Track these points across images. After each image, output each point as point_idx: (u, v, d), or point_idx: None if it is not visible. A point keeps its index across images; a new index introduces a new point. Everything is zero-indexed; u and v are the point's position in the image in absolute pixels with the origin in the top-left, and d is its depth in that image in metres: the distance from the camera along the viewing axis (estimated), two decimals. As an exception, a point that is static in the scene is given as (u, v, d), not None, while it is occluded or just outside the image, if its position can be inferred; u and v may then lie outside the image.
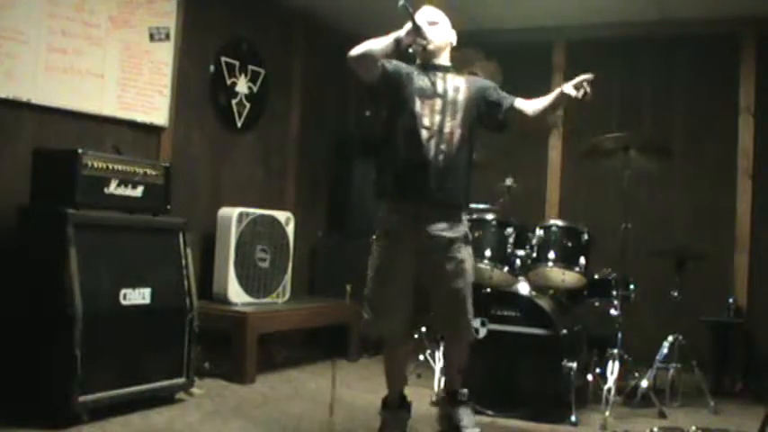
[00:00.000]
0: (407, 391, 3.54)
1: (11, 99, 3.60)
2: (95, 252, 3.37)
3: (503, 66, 5.44)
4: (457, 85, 3.42)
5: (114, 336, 3.41)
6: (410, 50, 3.41)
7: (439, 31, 3.44)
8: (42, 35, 3.71)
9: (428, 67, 3.43)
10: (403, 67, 3.43)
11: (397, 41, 3.27)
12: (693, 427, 3.66)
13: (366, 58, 3.26)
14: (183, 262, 3.82)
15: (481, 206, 4.61)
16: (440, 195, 3.28)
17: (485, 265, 4.25)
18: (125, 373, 3.46)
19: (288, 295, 4.94)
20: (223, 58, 4.94)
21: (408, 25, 3.24)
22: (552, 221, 4.35)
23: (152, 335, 3.61)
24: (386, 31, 3.33)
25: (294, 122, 5.64)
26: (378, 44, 3.25)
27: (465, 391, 3.56)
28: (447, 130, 3.33)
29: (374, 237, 3.39)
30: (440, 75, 3.42)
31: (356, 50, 3.23)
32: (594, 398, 4.12)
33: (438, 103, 3.37)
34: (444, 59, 3.49)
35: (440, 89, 3.39)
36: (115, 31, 4.10)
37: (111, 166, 3.54)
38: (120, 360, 3.44)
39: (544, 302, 4.02)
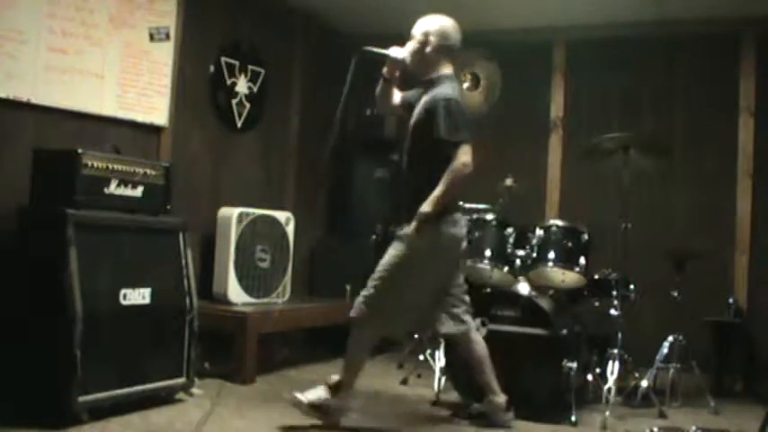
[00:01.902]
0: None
1: (11, 99, 3.59)
2: (95, 252, 3.37)
3: (503, 66, 5.45)
4: (419, 108, 3.50)
5: (114, 336, 3.41)
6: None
7: (409, 45, 3.54)
8: (42, 35, 3.71)
9: (422, 86, 3.58)
10: (411, 94, 3.65)
11: (384, 79, 3.58)
12: (693, 427, 3.65)
13: (380, 106, 3.70)
14: (183, 262, 3.82)
15: (481, 206, 4.61)
16: (405, 218, 3.47)
17: (485, 265, 4.25)
18: (125, 373, 3.46)
19: (288, 295, 4.94)
20: (223, 58, 4.94)
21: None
22: (552, 221, 4.35)
23: (152, 335, 3.61)
24: (385, 31, 3.37)
25: (294, 122, 5.64)
26: (377, 91, 3.62)
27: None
28: (405, 158, 3.56)
29: None
30: (423, 94, 3.54)
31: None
32: (594, 398, 4.12)
33: (407, 131, 3.56)
34: (428, 74, 3.55)
35: (413, 114, 3.53)
36: (115, 31, 4.10)
37: (111, 166, 3.54)
38: (120, 360, 3.44)
39: (544, 302, 4.02)
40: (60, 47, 3.80)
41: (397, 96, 3.68)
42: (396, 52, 3.51)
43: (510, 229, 4.30)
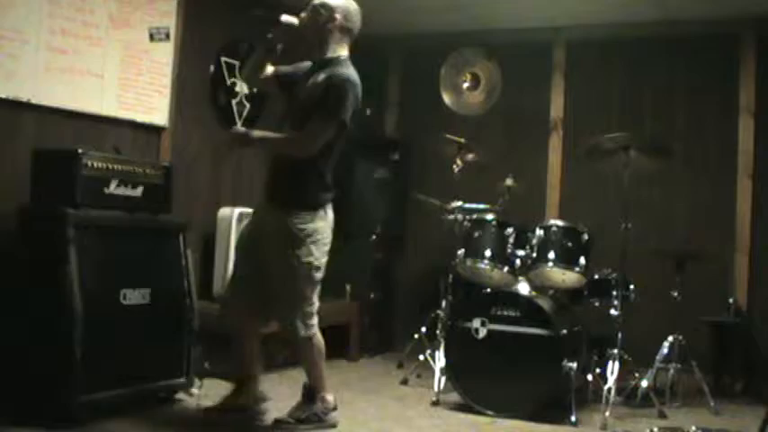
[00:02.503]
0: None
1: (11, 99, 3.59)
2: (95, 252, 3.37)
3: (503, 66, 5.44)
4: (311, 84, 3.32)
5: (114, 336, 3.40)
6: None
7: (303, 14, 3.36)
8: (42, 35, 3.70)
9: (315, 62, 3.41)
10: (302, 67, 3.48)
11: (267, 46, 3.39)
12: (693, 427, 3.66)
13: (249, 75, 3.54)
14: (183, 262, 3.82)
15: (481, 206, 4.62)
16: (270, 195, 3.41)
17: (485, 265, 4.25)
18: (125, 373, 3.45)
19: (288, 295, 4.92)
20: (223, 58, 4.94)
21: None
22: (552, 221, 4.35)
23: (152, 335, 3.60)
24: (385, 30, 3.32)
25: (294, 122, 5.63)
26: (252, 58, 3.47)
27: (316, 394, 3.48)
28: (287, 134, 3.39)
29: None
30: (317, 71, 3.34)
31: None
32: (594, 398, 4.12)
33: (295, 105, 3.40)
34: (323, 50, 3.37)
35: (302, 90, 3.35)
36: (115, 31, 4.09)
37: (111, 166, 3.53)
38: (120, 360, 3.43)
39: (544, 302, 4.02)
40: (60, 47, 3.80)
41: (269, 69, 3.52)
42: (288, 18, 3.35)
43: (510, 229, 4.30)
